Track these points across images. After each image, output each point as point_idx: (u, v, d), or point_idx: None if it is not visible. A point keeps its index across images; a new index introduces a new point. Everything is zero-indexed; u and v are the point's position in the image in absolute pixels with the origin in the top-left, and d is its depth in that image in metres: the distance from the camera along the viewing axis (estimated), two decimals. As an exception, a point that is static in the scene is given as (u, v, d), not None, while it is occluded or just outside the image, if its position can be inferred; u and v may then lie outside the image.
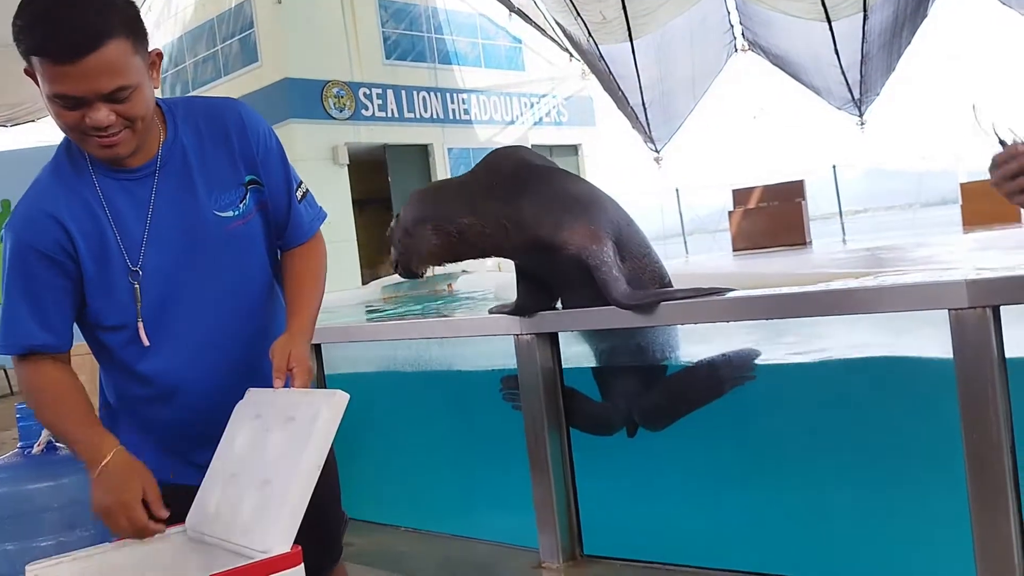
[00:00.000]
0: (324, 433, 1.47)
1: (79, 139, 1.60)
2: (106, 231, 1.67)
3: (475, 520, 3.77)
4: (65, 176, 1.69)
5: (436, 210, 2.96)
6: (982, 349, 2.32)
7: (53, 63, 1.48)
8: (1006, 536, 2.34)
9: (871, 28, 16.79)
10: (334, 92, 15.85)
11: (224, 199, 1.76)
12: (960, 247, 9.36)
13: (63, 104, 1.54)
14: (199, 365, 1.77)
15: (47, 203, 1.67)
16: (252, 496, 1.40)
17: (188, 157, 1.73)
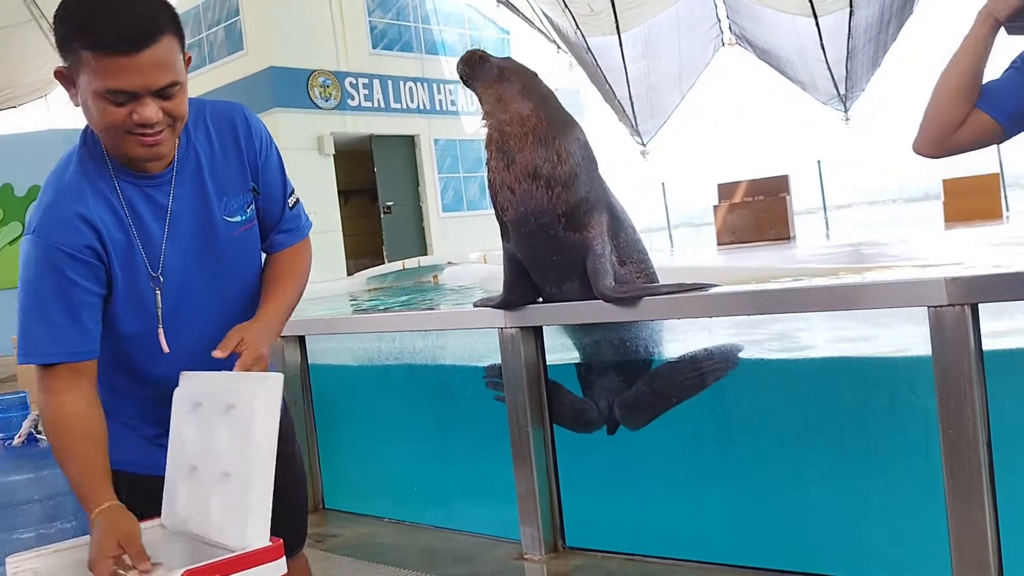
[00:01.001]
0: (266, 419, 1.43)
1: (119, 139, 1.58)
2: (130, 237, 1.66)
3: (457, 512, 3.78)
4: (90, 178, 1.65)
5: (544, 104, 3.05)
6: (960, 346, 2.35)
7: (111, 55, 1.48)
8: (981, 529, 2.37)
9: (857, 23, 16.84)
10: (320, 81, 15.76)
11: (232, 204, 1.77)
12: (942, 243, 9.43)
13: (113, 100, 1.52)
14: (202, 368, 1.75)
15: (78, 205, 1.62)
16: (217, 492, 1.38)
17: (201, 161, 1.73)
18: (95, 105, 1.53)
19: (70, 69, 1.56)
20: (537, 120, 2.94)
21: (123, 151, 1.61)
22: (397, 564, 3.43)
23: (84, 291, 1.62)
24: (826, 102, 19.02)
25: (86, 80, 1.52)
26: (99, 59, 1.49)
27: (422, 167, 17.44)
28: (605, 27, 17.85)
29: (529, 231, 2.99)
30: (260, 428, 1.42)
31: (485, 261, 11.10)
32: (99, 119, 1.55)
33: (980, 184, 13.76)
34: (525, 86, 3.02)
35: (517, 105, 2.96)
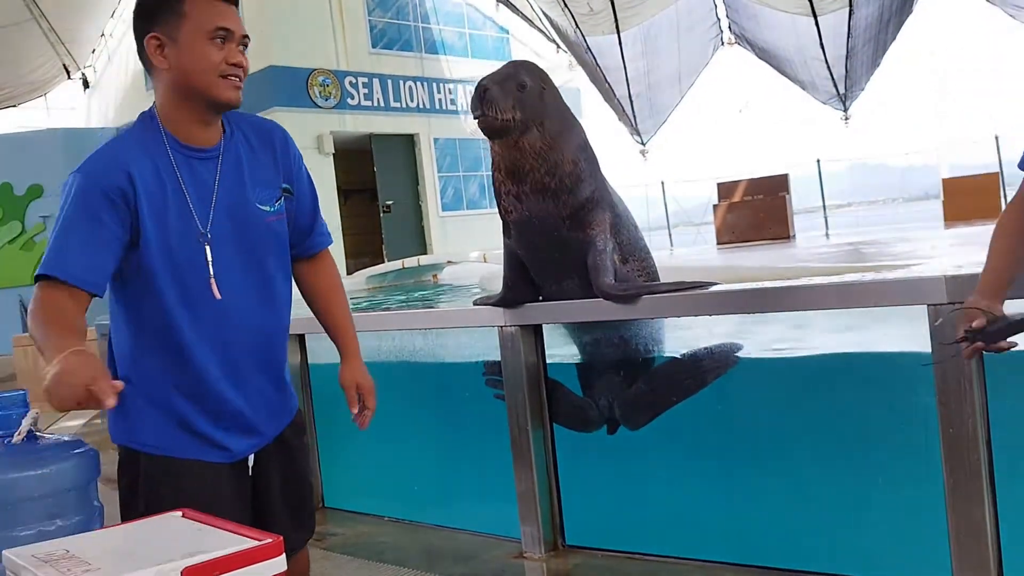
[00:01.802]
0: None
1: (213, 82, 1.83)
2: (171, 196, 1.84)
3: (458, 510, 3.78)
4: (142, 141, 1.86)
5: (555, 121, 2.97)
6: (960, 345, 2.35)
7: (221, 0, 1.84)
8: (981, 528, 2.37)
9: (857, 23, 16.83)
10: (320, 80, 15.75)
11: (264, 194, 1.95)
12: (941, 242, 9.43)
13: (222, 37, 1.83)
14: (229, 338, 1.90)
15: (120, 154, 1.84)
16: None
17: (240, 153, 1.94)
18: (199, 50, 1.81)
19: (167, 29, 1.82)
20: (543, 143, 2.89)
21: (213, 92, 1.84)
22: (397, 563, 3.43)
23: (108, 229, 1.78)
24: (825, 101, 19.01)
25: (191, 28, 1.81)
26: (208, 3, 1.82)
27: (422, 166, 17.43)
28: (604, 26, 17.84)
29: (533, 231, 2.99)
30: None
31: (485, 260, 11.10)
32: (201, 62, 1.82)
33: (980, 184, 13.78)
34: (536, 112, 2.88)
35: (527, 137, 2.88)
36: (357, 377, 2.12)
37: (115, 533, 1.44)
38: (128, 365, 1.91)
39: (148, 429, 1.90)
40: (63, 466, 1.67)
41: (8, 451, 1.69)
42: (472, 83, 14.12)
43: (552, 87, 3.01)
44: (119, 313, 1.93)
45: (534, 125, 2.85)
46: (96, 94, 19.83)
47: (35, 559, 1.30)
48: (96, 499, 1.77)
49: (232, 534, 1.37)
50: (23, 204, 17.14)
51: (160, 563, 1.23)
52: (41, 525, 1.63)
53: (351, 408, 2.11)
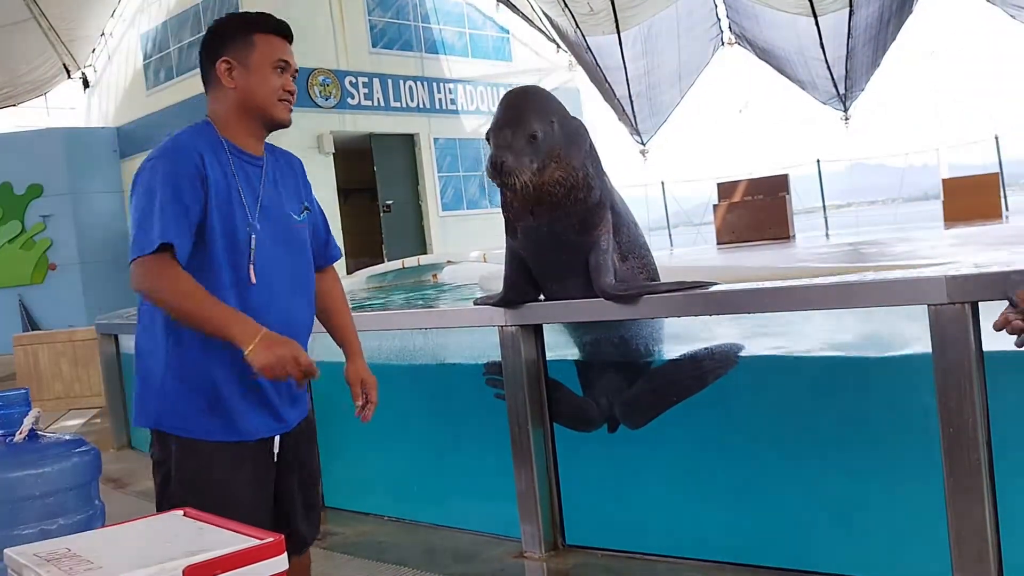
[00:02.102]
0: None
1: (272, 103, 2.15)
2: (231, 190, 2.09)
3: (458, 510, 3.79)
4: (208, 140, 2.12)
5: (567, 145, 2.89)
6: (960, 344, 2.36)
7: (281, 36, 2.19)
8: (981, 526, 2.37)
9: (857, 23, 16.83)
10: (320, 80, 15.73)
11: (292, 206, 2.25)
12: (941, 242, 9.43)
13: (282, 68, 2.16)
14: (266, 322, 2.04)
15: (195, 144, 2.08)
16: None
17: (276, 168, 2.25)
18: (264, 76, 2.14)
19: (238, 55, 2.13)
20: (560, 173, 2.86)
21: (272, 112, 2.16)
22: (398, 562, 3.43)
23: (188, 204, 2.01)
24: (825, 101, 19.01)
25: (259, 57, 2.14)
26: (273, 39, 2.17)
27: (422, 166, 17.41)
28: (605, 26, 17.84)
29: (541, 236, 2.99)
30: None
31: (484, 260, 11.09)
32: (264, 86, 2.14)
33: (980, 183, 13.76)
34: (551, 151, 2.83)
35: (544, 175, 2.83)
36: (362, 373, 2.39)
37: (117, 532, 1.44)
38: (169, 347, 2.08)
39: (181, 412, 2.09)
40: (64, 465, 1.67)
41: (10, 450, 1.69)
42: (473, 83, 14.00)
43: (557, 110, 2.93)
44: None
45: (550, 161, 2.83)
46: (96, 93, 19.81)
47: (37, 558, 1.30)
48: (97, 498, 1.77)
49: (233, 533, 1.37)
50: (23, 204, 17.14)
51: (161, 562, 1.23)
52: (42, 524, 1.63)
53: (356, 402, 2.36)
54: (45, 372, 9.12)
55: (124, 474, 5.36)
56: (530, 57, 20.17)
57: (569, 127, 2.92)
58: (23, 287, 17.02)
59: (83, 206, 17.57)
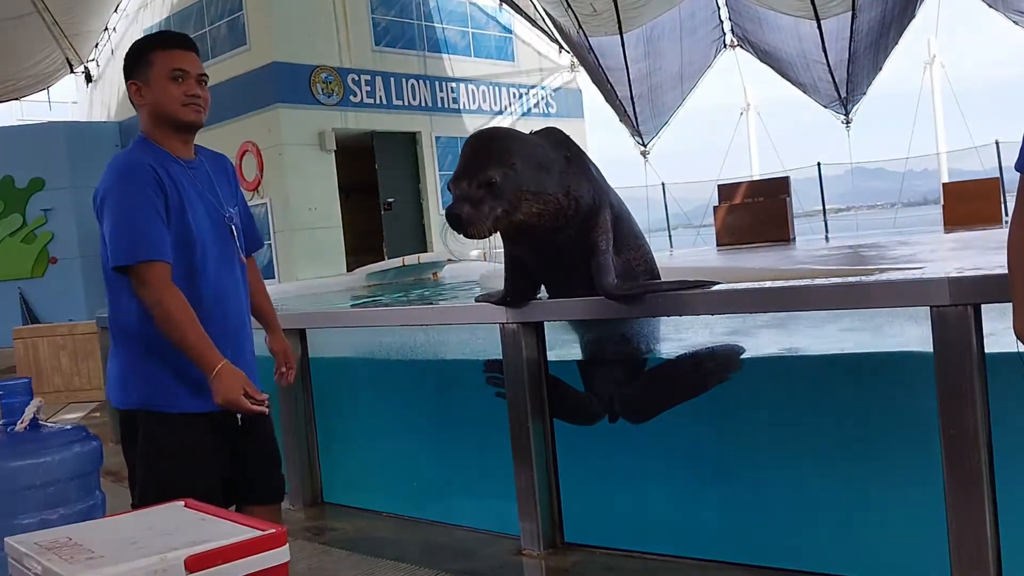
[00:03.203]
0: None
1: (178, 108, 2.38)
2: (181, 193, 2.36)
3: (457, 507, 3.79)
4: (149, 153, 2.39)
5: (536, 178, 2.80)
6: (962, 346, 2.36)
7: (176, 49, 2.41)
8: (981, 529, 2.37)
9: (859, 27, 16.85)
10: (322, 77, 15.72)
11: (229, 203, 2.54)
12: (942, 246, 9.43)
13: (180, 76, 2.38)
14: (227, 307, 2.45)
15: (146, 159, 2.35)
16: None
17: (207, 169, 2.53)
18: (163, 87, 2.37)
19: (140, 75, 2.41)
20: (535, 205, 2.79)
21: (179, 116, 2.39)
22: (396, 558, 3.43)
23: (159, 211, 2.30)
24: (827, 105, 19.03)
25: (156, 72, 2.38)
26: (168, 52, 2.40)
27: (423, 164, 17.41)
28: (608, 27, 17.86)
29: (536, 246, 2.98)
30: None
31: (485, 259, 11.10)
32: (166, 96, 2.37)
33: (980, 188, 13.76)
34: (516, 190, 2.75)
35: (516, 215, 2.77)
36: (283, 344, 2.80)
37: (117, 522, 1.44)
38: (145, 327, 2.33)
39: (153, 387, 2.37)
40: (66, 455, 1.67)
41: (11, 439, 1.69)
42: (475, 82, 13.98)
43: (519, 150, 2.81)
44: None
45: (520, 201, 2.74)
46: (99, 88, 19.82)
47: (38, 547, 1.30)
48: (98, 488, 1.77)
49: (234, 524, 1.37)
50: (24, 197, 17.14)
51: (163, 552, 1.23)
52: (43, 513, 1.63)
53: (280, 368, 2.76)
54: (45, 365, 9.12)
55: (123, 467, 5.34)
56: (532, 57, 20.18)
57: (536, 159, 2.81)
58: (23, 280, 17.02)
59: (84, 200, 17.46)
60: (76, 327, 9.66)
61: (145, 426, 2.39)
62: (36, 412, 1.75)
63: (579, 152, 3.01)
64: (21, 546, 1.32)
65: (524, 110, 19.82)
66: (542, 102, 20.27)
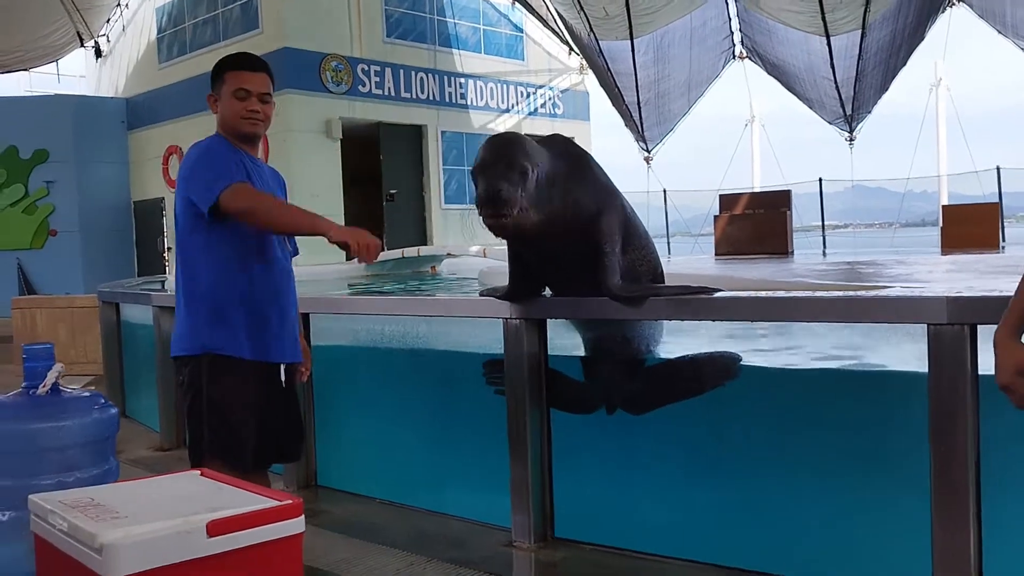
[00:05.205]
0: None
1: (238, 121, 2.80)
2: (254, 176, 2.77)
3: (451, 497, 3.83)
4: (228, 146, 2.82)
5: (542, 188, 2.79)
6: (957, 364, 2.41)
7: (240, 71, 2.82)
8: (964, 545, 2.42)
9: (868, 45, 16.91)
10: (332, 66, 15.75)
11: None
12: (939, 268, 9.50)
13: (242, 95, 2.78)
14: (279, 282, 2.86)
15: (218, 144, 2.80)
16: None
17: (270, 174, 2.97)
18: (229, 103, 2.80)
19: (216, 90, 2.85)
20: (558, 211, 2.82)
21: (239, 128, 2.82)
22: (388, 544, 3.47)
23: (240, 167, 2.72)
24: (832, 121, 19.09)
25: (226, 89, 2.81)
26: (237, 73, 2.82)
27: (427, 158, 17.46)
28: (619, 31, 17.90)
29: (541, 247, 3.02)
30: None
31: (485, 255, 11.13)
32: (229, 111, 2.81)
33: (979, 212, 13.84)
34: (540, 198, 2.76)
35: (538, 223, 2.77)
36: (304, 345, 3.11)
37: (136, 487, 1.49)
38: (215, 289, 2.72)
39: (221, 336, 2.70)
40: (84, 420, 1.72)
41: (32, 402, 1.74)
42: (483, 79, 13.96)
43: (540, 156, 2.83)
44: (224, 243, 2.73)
45: (535, 205, 2.73)
46: (108, 63, 19.81)
47: (63, 505, 1.34)
48: (112, 455, 1.82)
49: (250, 493, 1.42)
50: (27, 168, 17.13)
51: (185, 515, 1.28)
52: (60, 476, 1.68)
53: (298, 367, 3.03)
54: (42, 336, 9.12)
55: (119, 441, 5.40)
56: (542, 57, 20.21)
57: (548, 168, 2.84)
58: (22, 251, 17.02)
59: (87, 175, 17.57)
60: (76, 300, 9.67)
61: (212, 369, 2.68)
62: (58, 377, 1.80)
63: (580, 161, 3.00)
64: (47, 503, 1.37)
65: (531, 109, 19.86)
66: (549, 103, 20.30)
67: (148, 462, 5.01)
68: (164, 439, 5.51)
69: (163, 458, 5.16)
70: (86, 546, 1.22)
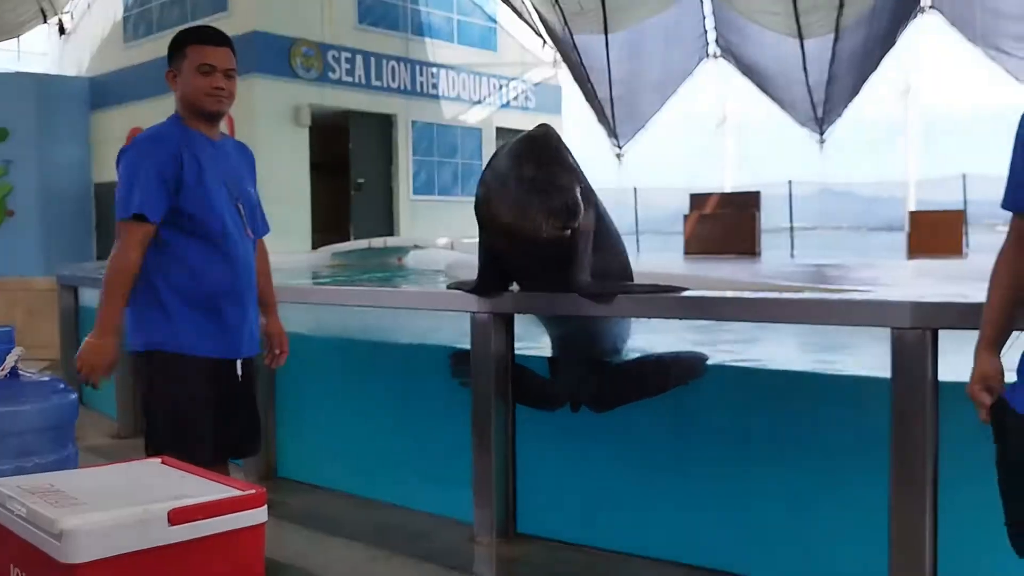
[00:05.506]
0: None
1: (202, 97, 2.63)
2: (203, 167, 2.62)
3: (413, 490, 3.82)
4: (180, 130, 2.67)
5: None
6: (919, 368, 2.45)
7: (205, 44, 2.63)
8: (920, 543, 2.47)
9: (841, 49, 17.07)
10: (302, 51, 15.56)
11: (250, 181, 2.84)
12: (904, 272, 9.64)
13: (207, 70, 2.61)
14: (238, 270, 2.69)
15: (167, 134, 2.64)
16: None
17: (234, 151, 2.85)
18: (193, 79, 2.62)
19: (176, 65, 2.66)
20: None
21: (203, 106, 2.65)
22: (349, 536, 3.46)
23: (165, 179, 2.53)
24: (803, 123, 19.26)
25: (188, 65, 2.63)
26: (200, 47, 2.64)
27: (397, 148, 17.33)
28: (593, 26, 17.90)
29: (517, 245, 3.02)
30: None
31: (452, 248, 11.09)
32: (193, 88, 2.63)
33: (945, 219, 14.06)
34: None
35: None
36: (277, 327, 2.99)
37: (97, 473, 1.47)
38: (156, 278, 2.58)
39: (162, 331, 2.58)
40: (44, 405, 1.69)
41: (-10, 386, 1.70)
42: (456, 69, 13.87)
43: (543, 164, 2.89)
44: (172, 237, 2.60)
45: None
46: (71, 41, 19.42)
47: (21, 490, 1.32)
48: (72, 441, 1.79)
49: (212, 482, 1.40)
50: (-9, 146, 16.79)
51: (146, 503, 1.26)
52: (18, 461, 1.65)
53: (273, 350, 2.95)
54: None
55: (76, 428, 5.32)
56: (515, 49, 20.15)
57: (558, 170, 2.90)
58: (-18, 231, 16.68)
59: (48, 155, 17.23)
60: (33, 283, 9.48)
61: (161, 367, 2.59)
62: (16, 361, 1.76)
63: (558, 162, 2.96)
64: (5, 488, 1.35)
65: (503, 102, 19.80)
66: (521, 95, 20.27)
67: (105, 450, 4.94)
68: (121, 427, 5.44)
69: (121, 446, 5.09)
70: (45, 532, 1.20)
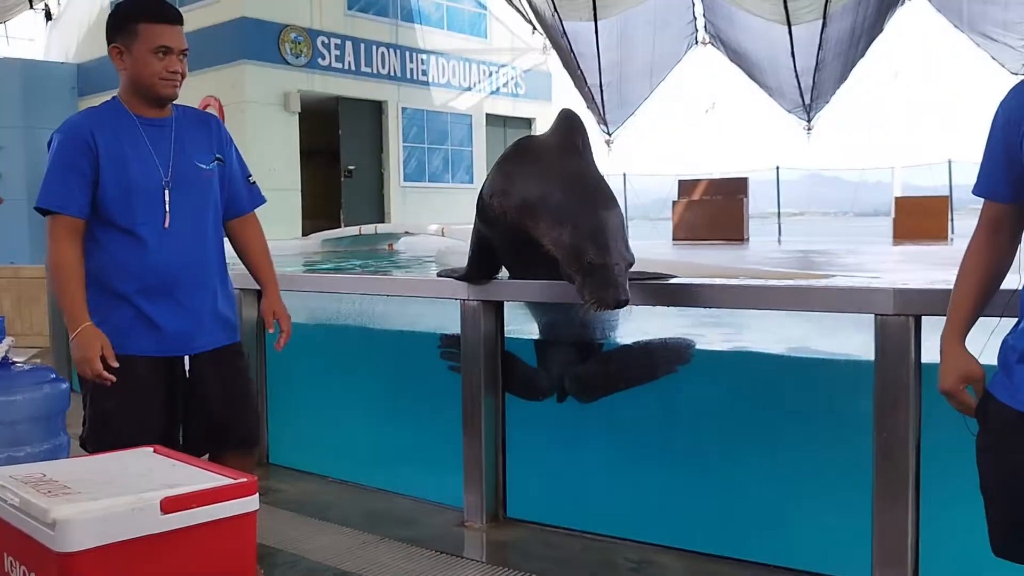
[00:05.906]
0: None
1: (155, 82, 2.46)
2: (128, 152, 2.46)
3: (402, 476, 3.84)
4: (107, 113, 2.51)
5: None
6: (902, 354, 2.48)
7: (163, 23, 2.44)
8: (903, 527, 2.51)
9: (828, 35, 17.08)
10: (291, 37, 15.50)
11: (201, 157, 2.61)
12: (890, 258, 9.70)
13: (163, 52, 2.44)
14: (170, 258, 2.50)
15: (86, 120, 2.49)
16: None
17: (183, 127, 2.60)
18: (147, 62, 2.44)
19: (125, 42, 2.46)
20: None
21: (157, 91, 2.48)
22: (340, 522, 3.48)
23: (79, 170, 2.41)
24: (791, 110, 19.27)
25: (141, 45, 2.44)
26: (155, 27, 2.44)
27: (387, 134, 17.30)
28: (583, 12, 17.84)
29: (515, 236, 3.04)
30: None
31: (443, 234, 11.09)
32: (147, 71, 2.45)
33: (930, 205, 14.16)
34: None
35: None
36: (275, 306, 2.77)
37: (89, 462, 1.48)
38: (96, 274, 2.45)
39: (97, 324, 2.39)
40: (35, 395, 1.70)
41: (-19, 376, 1.71)
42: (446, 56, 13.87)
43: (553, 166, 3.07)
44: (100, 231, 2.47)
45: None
46: (58, 27, 19.27)
47: (14, 480, 1.33)
48: (63, 431, 1.80)
49: (204, 471, 1.42)
50: (-26, 133, 16.68)
51: (139, 492, 1.28)
52: (10, 451, 1.66)
53: (268, 330, 2.76)
54: (-14, 307, 8.93)
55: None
56: (505, 36, 20.10)
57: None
58: (-35, 217, 16.57)
59: (35, 141, 17.05)
60: (22, 270, 9.44)
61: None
62: (7, 351, 1.77)
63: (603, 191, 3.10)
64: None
65: (493, 88, 19.76)
66: (511, 82, 20.23)
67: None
68: (114, 413, 5.43)
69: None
70: (39, 521, 1.21)
